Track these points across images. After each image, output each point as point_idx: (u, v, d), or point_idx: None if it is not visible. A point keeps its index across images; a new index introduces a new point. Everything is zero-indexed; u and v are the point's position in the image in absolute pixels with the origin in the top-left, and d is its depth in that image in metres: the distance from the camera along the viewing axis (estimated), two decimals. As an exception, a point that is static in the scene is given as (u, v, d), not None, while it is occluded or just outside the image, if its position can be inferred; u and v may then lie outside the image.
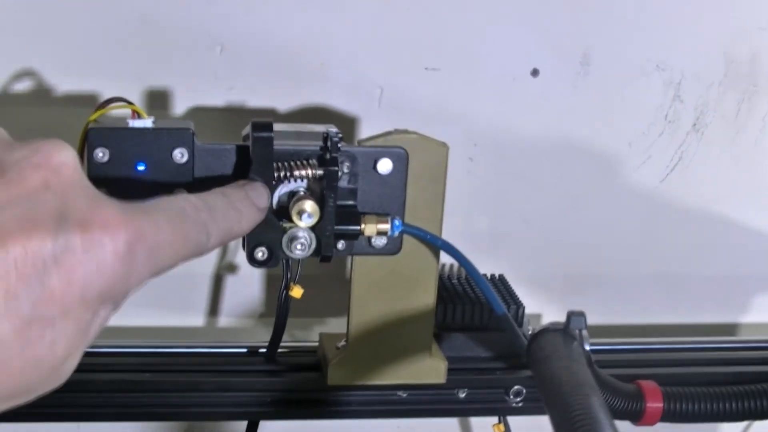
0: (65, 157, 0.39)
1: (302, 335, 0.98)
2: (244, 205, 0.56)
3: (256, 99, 0.91)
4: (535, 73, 0.95)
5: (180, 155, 0.66)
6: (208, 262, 0.97)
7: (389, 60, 0.92)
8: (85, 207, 0.39)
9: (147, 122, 0.66)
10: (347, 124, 0.93)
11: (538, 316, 1.02)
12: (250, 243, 0.67)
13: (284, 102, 0.92)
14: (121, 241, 0.39)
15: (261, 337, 0.86)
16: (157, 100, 0.89)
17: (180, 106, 0.90)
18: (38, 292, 0.36)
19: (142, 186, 0.66)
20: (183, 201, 0.47)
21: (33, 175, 0.38)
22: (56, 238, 0.37)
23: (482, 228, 1.00)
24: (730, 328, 1.09)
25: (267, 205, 0.60)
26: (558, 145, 0.98)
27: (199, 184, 0.67)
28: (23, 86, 0.87)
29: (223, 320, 1.00)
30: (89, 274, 0.38)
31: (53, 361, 0.38)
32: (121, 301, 0.41)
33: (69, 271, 0.37)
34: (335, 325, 0.98)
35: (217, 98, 0.91)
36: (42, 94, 0.88)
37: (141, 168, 0.66)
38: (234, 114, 0.91)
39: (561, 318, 0.74)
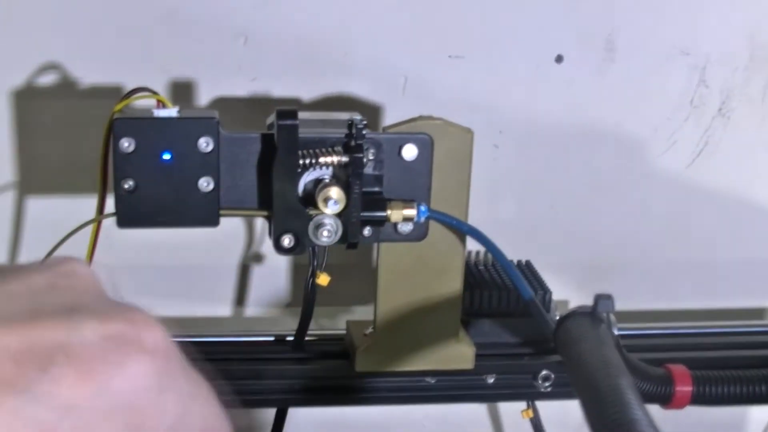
0: None
1: (328, 324, 0.98)
2: None
3: (280, 89, 0.91)
4: (559, 59, 0.95)
5: (205, 144, 0.66)
6: (235, 252, 0.97)
7: (413, 48, 0.92)
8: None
9: (172, 111, 0.66)
10: (372, 113, 0.92)
11: (565, 302, 1.02)
12: (277, 230, 0.67)
13: (308, 91, 0.92)
14: None
15: (288, 326, 0.86)
16: (182, 91, 0.90)
17: (204, 97, 0.91)
18: None
19: (168, 175, 0.66)
20: None
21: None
22: None
23: (508, 215, 1.00)
24: (759, 313, 1.08)
25: None
26: (583, 132, 0.98)
27: (224, 173, 0.68)
28: (48, 79, 0.88)
29: (250, 310, 1.00)
30: None
31: None
32: None
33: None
34: (361, 313, 0.98)
35: (240, 89, 0.91)
36: (67, 86, 0.88)
37: (166, 157, 0.66)
38: (258, 104, 0.91)
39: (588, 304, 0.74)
